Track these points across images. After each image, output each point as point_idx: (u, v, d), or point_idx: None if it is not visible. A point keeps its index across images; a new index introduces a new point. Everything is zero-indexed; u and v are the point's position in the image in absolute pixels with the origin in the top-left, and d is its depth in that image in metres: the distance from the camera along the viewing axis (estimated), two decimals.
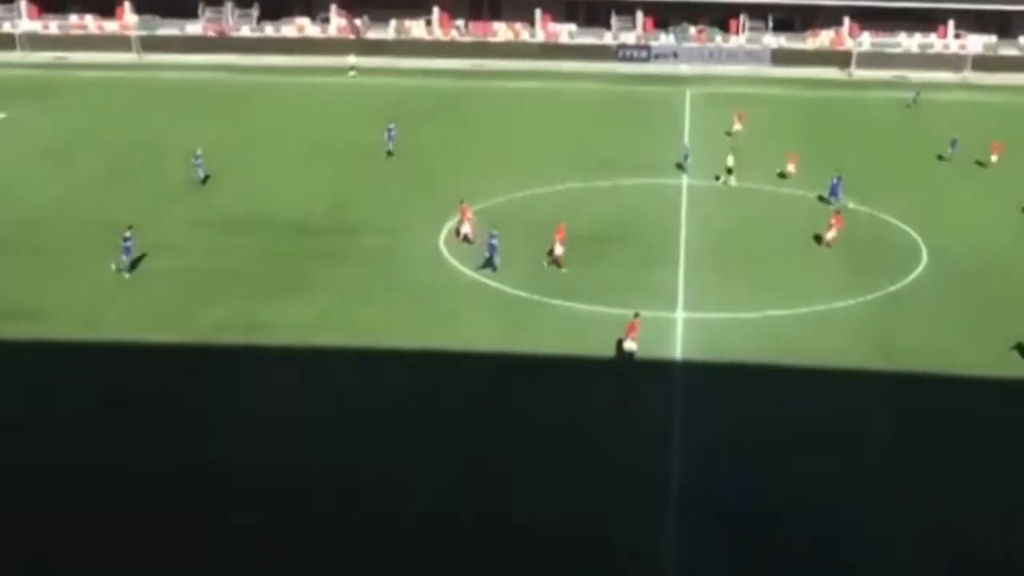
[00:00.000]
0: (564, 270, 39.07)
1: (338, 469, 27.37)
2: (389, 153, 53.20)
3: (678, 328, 35.02)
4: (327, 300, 36.84)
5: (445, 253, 41.14)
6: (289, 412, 29.93)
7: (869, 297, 37.47)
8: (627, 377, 31.97)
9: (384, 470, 27.33)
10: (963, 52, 78.52)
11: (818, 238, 42.54)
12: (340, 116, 61.99)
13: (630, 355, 32.14)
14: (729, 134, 57.84)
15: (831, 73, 77.07)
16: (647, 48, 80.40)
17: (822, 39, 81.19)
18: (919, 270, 39.98)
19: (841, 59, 78.67)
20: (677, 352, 33.59)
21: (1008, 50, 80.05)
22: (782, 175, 50.27)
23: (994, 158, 52.88)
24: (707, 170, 51.85)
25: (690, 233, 43.22)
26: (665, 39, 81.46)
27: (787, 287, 38.23)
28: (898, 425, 29.64)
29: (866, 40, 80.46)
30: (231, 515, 25.69)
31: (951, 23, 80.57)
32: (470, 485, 26.82)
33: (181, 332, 34.32)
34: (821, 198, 47.24)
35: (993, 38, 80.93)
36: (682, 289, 38.00)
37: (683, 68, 78.22)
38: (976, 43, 79.74)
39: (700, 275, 39.17)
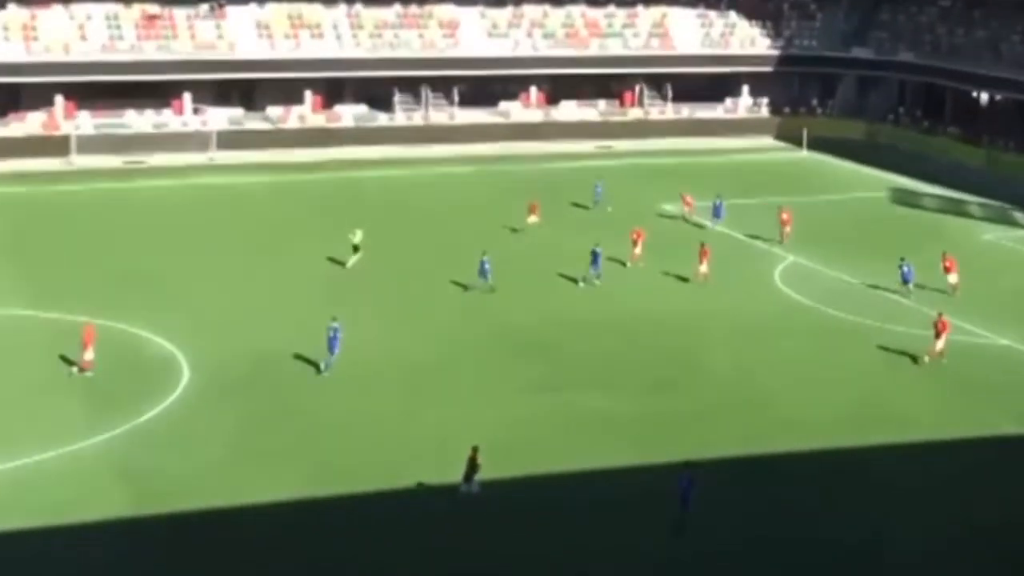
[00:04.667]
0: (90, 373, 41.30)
1: None
2: None
3: None
4: None
5: None
6: None
7: (121, 431, 38.47)
8: None
9: None
10: (206, 129, 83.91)
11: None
12: None
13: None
14: None
15: (49, 164, 78.11)
16: None
17: (31, 123, 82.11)
18: (180, 390, 41.88)
19: (59, 146, 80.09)
20: None
21: (255, 123, 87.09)
22: None
23: None
24: None
25: None
26: None
27: (23, 431, 38.06)
28: None
29: (86, 121, 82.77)
30: None
31: (187, 96, 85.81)
32: None
33: None
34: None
35: (239, 111, 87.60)
36: None
37: None
38: (220, 118, 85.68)
39: None
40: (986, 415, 41.63)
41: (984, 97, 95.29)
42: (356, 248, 57.05)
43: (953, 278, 54.63)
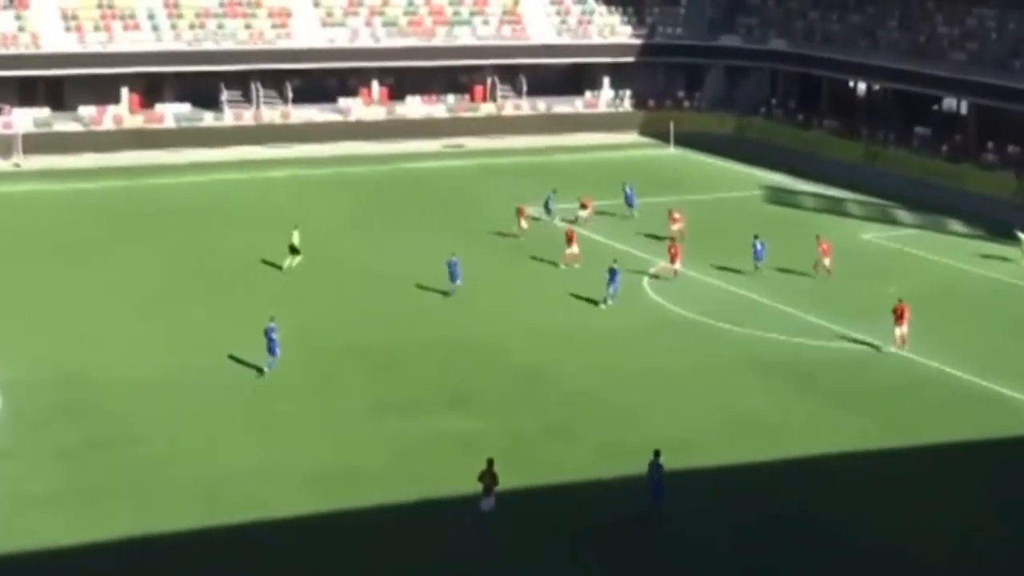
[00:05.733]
0: None
1: None
2: None
3: None
4: None
5: None
6: None
7: None
8: None
9: None
10: (9, 132, 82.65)
11: None
12: None
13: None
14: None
15: None
16: None
17: None
18: None
19: None
20: None
21: (65, 124, 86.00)
22: None
23: None
24: None
25: None
26: None
27: None
28: None
29: None
30: None
31: None
32: None
33: None
34: None
35: (46, 111, 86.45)
36: None
37: None
38: (25, 119, 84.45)
39: None
40: (864, 426, 42.93)
41: (861, 87, 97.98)
42: (294, 249, 57.78)
43: (827, 261, 57.81)
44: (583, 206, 67.74)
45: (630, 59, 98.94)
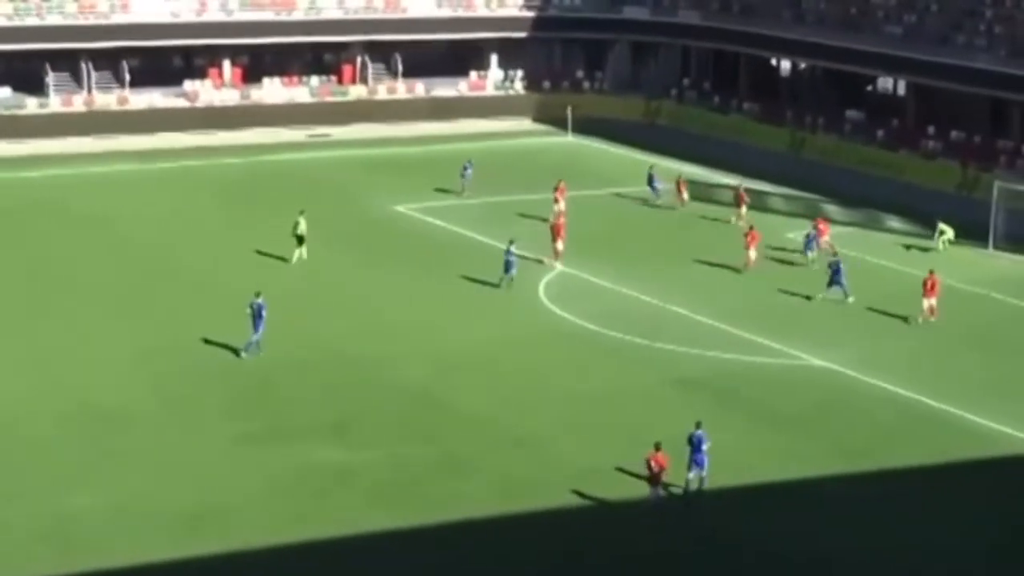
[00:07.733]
0: None
1: None
2: None
3: None
4: None
5: None
6: None
7: None
8: None
9: None
10: None
11: None
12: None
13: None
14: None
15: None
16: None
17: None
18: None
19: None
20: None
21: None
22: None
23: None
24: None
25: None
26: None
27: None
28: None
29: None
30: None
31: None
32: None
33: None
34: None
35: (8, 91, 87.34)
36: None
37: None
38: None
39: None
40: (810, 452, 43.93)
41: (785, 66, 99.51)
42: (300, 239, 60.11)
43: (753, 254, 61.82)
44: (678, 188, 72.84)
45: (521, 34, 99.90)
